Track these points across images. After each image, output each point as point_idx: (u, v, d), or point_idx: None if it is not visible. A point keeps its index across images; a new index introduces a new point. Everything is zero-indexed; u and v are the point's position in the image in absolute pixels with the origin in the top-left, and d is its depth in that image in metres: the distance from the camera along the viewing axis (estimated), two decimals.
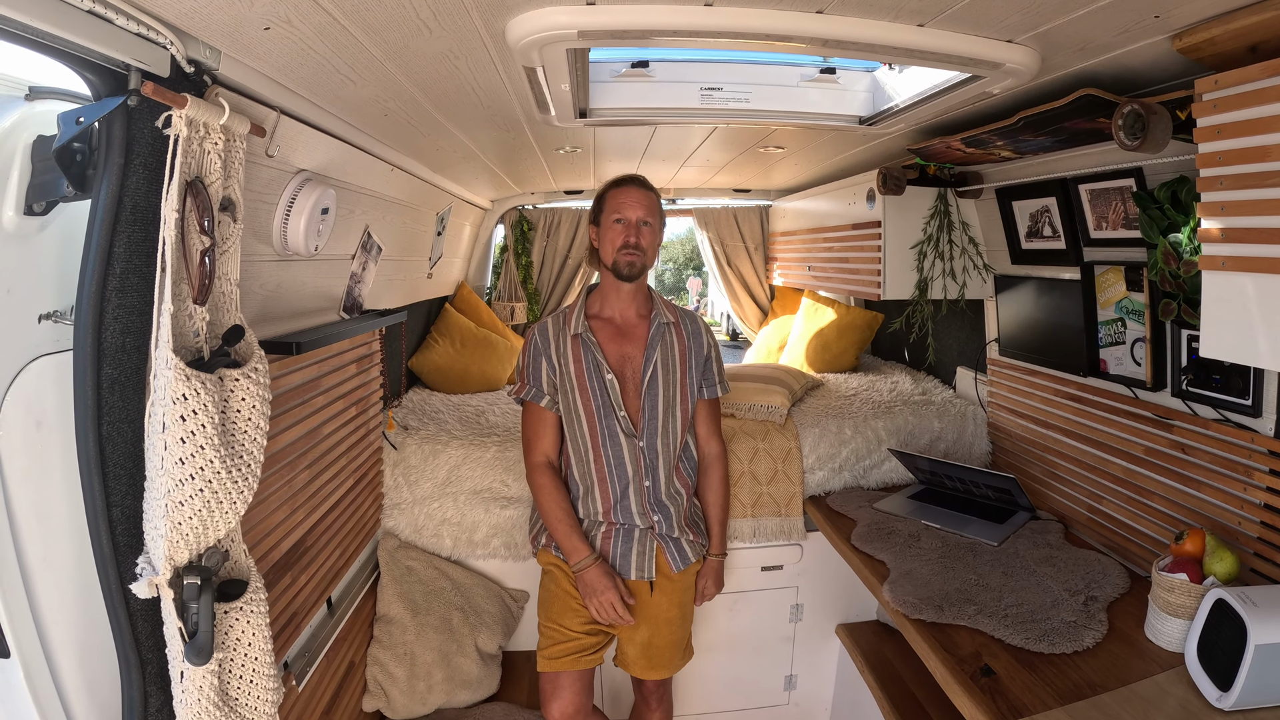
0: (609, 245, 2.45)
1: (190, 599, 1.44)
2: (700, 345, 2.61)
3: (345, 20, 1.41)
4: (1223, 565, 1.99)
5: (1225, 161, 1.58)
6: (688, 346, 2.58)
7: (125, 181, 1.41)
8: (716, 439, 2.71)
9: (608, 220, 2.45)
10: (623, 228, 2.43)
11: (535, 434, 2.53)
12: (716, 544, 2.68)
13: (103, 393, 1.45)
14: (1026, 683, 1.88)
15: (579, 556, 2.42)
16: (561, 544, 2.45)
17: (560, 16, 1.48)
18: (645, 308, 2.57)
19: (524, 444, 2.58)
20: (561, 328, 2.50)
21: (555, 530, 2.46)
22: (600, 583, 2.39)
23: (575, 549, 2.42)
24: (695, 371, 2.58)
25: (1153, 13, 1.47)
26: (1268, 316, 1.52)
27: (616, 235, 2.43)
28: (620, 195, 2.46)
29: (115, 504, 1.49)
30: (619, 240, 2.43)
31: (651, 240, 2.48)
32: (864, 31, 1.58)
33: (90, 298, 1.41)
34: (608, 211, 2.46)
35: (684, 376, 2.55)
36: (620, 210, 2.43)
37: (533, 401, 2.51)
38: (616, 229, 2.44)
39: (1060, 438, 2.97)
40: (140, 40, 1.31)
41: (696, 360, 2.59)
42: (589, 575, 2.40)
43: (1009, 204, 2.99)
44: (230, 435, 1.50)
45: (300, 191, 1.95)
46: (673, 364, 2.53)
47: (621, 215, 2.43)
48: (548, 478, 2.50)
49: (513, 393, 2.59)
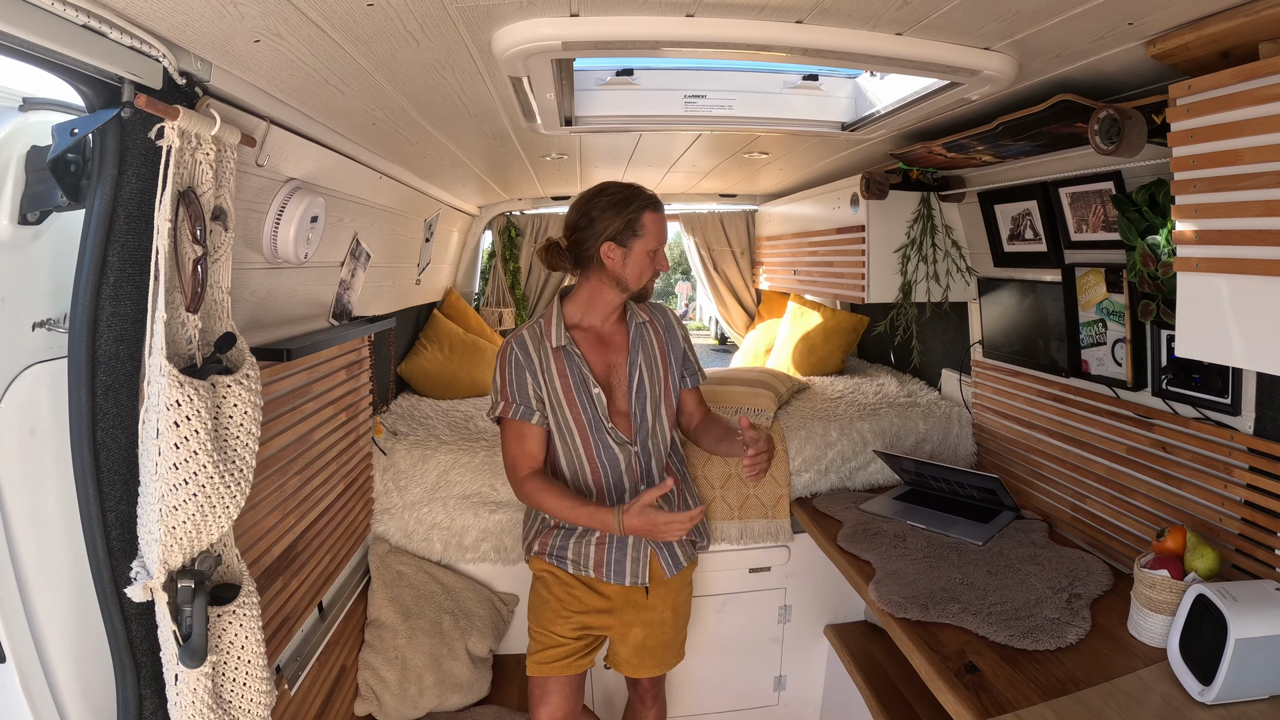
0: (640, 273, 2.38)
1: (184, 602, 1.45)
2: (675, 337, 2.60)
3: (334, 33, 1.43)
4: (1203, 561, 2.02)
5: (1199, 165, 1.61)
6: (664, 341, 2.57)
7: (119, 191, 1.42)
8: (705, 407, 2.71)
9: (643, 248, 2.35)
10: (657, 257, 2.40)
11: (520, 450, 2.41)
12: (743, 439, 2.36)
13: (97, 399, 1.46)
14: (1011, 679, 1.90)
15: (606, 515, 2.24)
16: (588, 524, 2.31)
17: (545, 28, 1.50)
18: (621, 310, 2.53)
19: (508, 463, 2.43)
20: (541, 340, 2.43)
21: (573, 516, 2.31)
22: (645, 519, 2.18)
23: (602, 520, 2.25)
24: (676, 364, 2.58)
25: (1126, 20, 1.50)
26: (1241, 316, 1.55)
27: (648, 265, 2.38)
28: (660, 222, 2.39)
29: (110, 509, 1.49)
30: (652, 270, 2.41)
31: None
32: (843, 40, 1.60)
33: (85, 306, 1.42)
34: (645, 239, 2.35)
35: (666, 372, 2.54)
36: (660, 240, 2.39)
37: (521, 419, 2.39)
38: (650, 260, 2.38)
39: (1043, 438, 3.00)
40: (133, 53, 1.33)
41: (675, 353, 2.58)
42: (631, 523, 2.20)
43: (991, 207, 3.02)
44: (223, 441, 1.50)
45: (290, 200, 1.97)
46: (655, 362, 2.52)
47: (658, 248, 2.39)
48: (539, 480, 2.36)
49: (497, 414, 2.43)
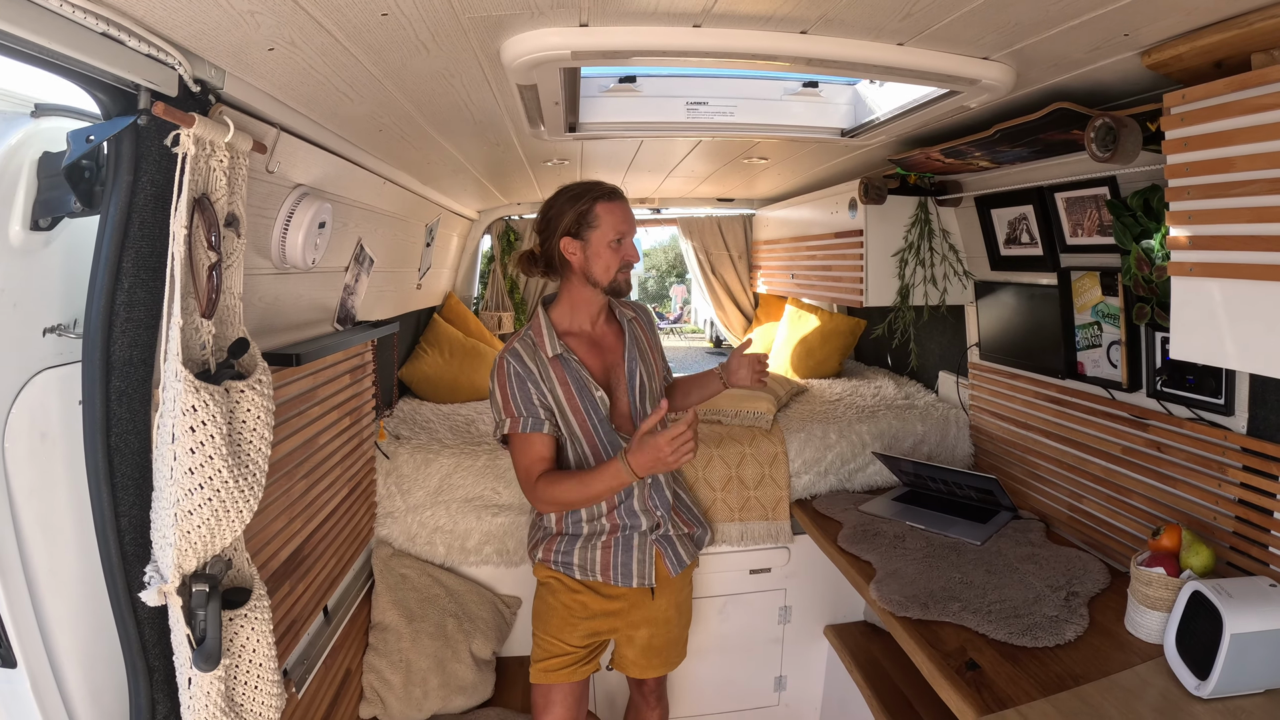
0: (606, 265, 2.29)
1: (198, 606, 1.45)
2: (654, 330, 2.63)
3: (348, 42, 1.44)
4: (1199, 559, 2.05)
5: (1192, 172, 1.64)
6: (649, 337, 2.58)
7: (134, 198, 1.42)
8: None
9: (601, 239, 2.27)
10: (623, 249, 2.31)
11: (531, 462, 2.28)
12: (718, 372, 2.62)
13: (111, 405, 1.46)
14: (1010, 675, 1.92)
15: (619, 469, 2.11)
16: (609, 488, 2.17)
17: (554, 38, 1.51)
18: (607, 310, 2.51)
19: (522, 477, 2.31)
20: (535, 351, 2.33)
21: (593, 494, 2.19)
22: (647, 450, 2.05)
23: (615, 474, 2.12)
24: (658, 355, 2.61)
25: (1122, 31, 1.52)
26: (1234, 319, 1.59)
27: (615, 256, 2.30)
28: (616, 211, 2.29)
29: (123, 514, 1.49)
30: (619, 261, 2.31)
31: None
32: (846, 50, 1.62)
33: (99, 312, 1.42)
34: (602, 229, 2.27)
35: (656, 365, 2.58)
36: (618, 230, 2.28)
37: (531, 432, 2.26)
38: (616, 250, 2.29)
39: (1040, 439, 3.02)
40: (151, 61, 1.33)
41: (655, 344, 2.60)
42: (637, 459, 2.07)
43: (988, 212, 3.05)
44: (237, 446, 1.50)
45: (298, 206, 1.98)
46: (648, 358, 2.52)
47: (622, 236, 2.29)
48: (546, 479, 2.24)
49: (504, 431, 2.31)
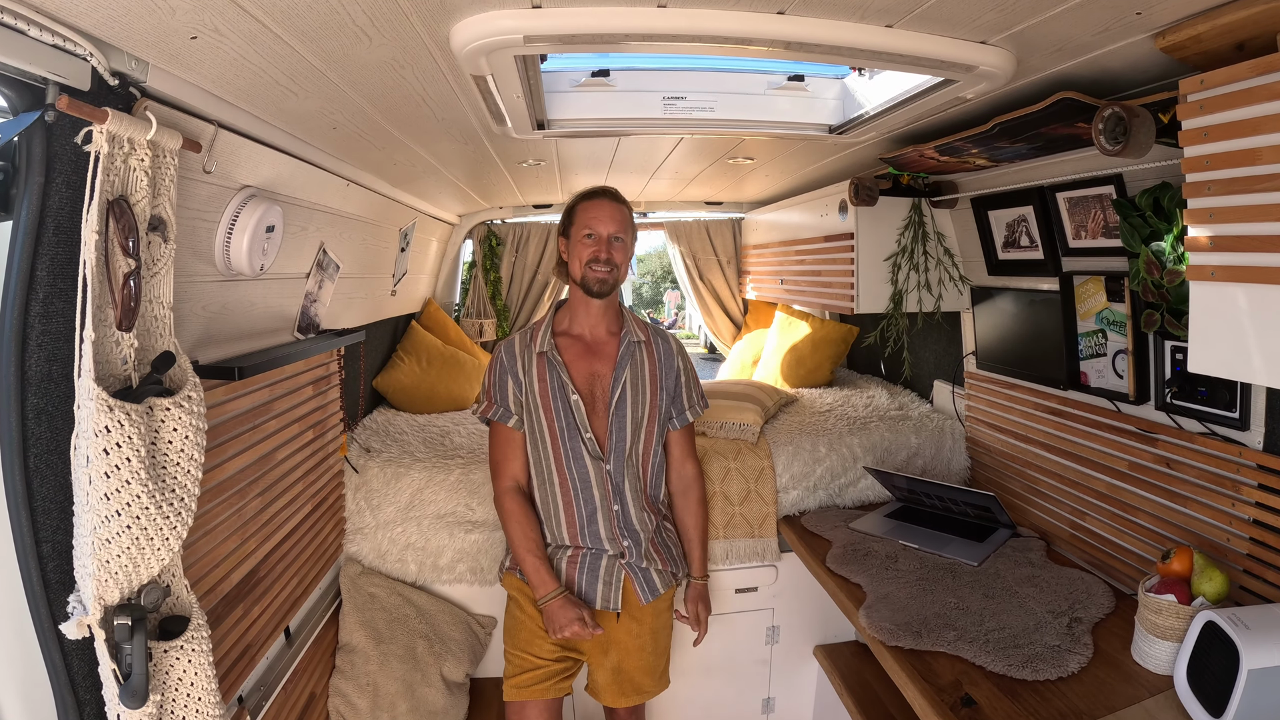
0: (578, 260, 2.38)
1: (122, 640, 1.39)
2: (671, 367, 2.54)
3: (276, 27, 1.33)
4: (1212, 585, 1.95)
5: (1213, 166, 1.53)
6: (659, 367, 2.51)
7: (46, 201, 1.35)
8: (692, 460, 2.64)
9: (578, 234, 2.38)
10: (593, 243, 2.36)
11: (503, 455, 2.45)
12: (698, 567, 2.61)
13: (28, 424, 1.38)
14: (1009, 712, 1.81)
15: (545, 590, 2.33)
16: (529, 576, 2.36)
17: (505, 21, 1.42)
18: (615, 324, 2.50)
19: (492, 466, 2.49)
20: (528, 345, 2.43)
21: (523, 561, 2.37)
22: (563, 614, 2.28)
23: (542, 582, 2.33)
24: (665, 394, 2.51)
25: (1134, 9, 1.42)
26: (1262, 330, 1.46)
27: (585, 250, 2.36)
28: (591, 209, 2.38)
29: (45, 539, 1.42)
30: (587, 255, 2.35)
31: (623, 256, 2.41)
32: (829, 33, 1.52)
33: (12, 324, 1.35)
34: (578, 225, 2.38)
35: (654, 398, 2.48)
36: (591, 225, 2.36)
37: (500, 421, 2.43)
38: (586, 244, 2.36)
39: (1040, 452, 2.93)
40: (57, 52, 1.26)
41: (666, 382, 2.52)
42: (552, 608, 2.30)
43: (985, 213, 2.96)
44: (161, 468, 1.44)
45: (243, 209, 1.87)
46: (643, 384, 2.46)
47: (592, 230, 2.35)
48: (516, 504, 2.41)
49: (478, 412, 2.49)
